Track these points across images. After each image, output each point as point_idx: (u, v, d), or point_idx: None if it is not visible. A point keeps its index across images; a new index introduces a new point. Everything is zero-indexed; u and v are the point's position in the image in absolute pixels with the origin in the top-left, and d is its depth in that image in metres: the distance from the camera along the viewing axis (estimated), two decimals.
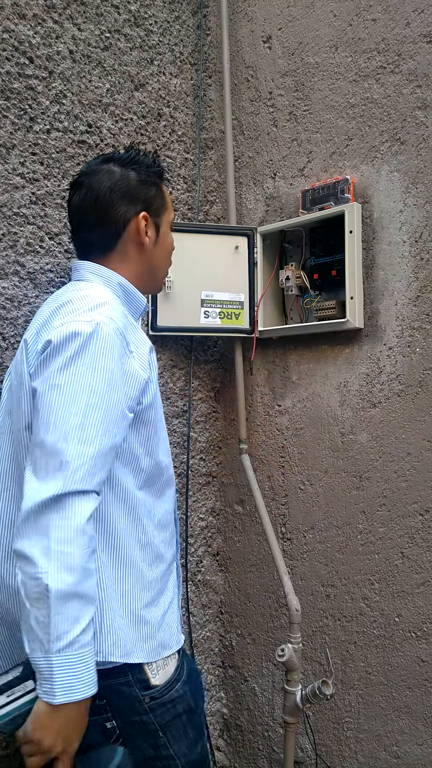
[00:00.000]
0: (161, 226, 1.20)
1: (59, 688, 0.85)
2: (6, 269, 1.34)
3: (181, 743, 1.07)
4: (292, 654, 1.43)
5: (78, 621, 0.87)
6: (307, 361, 1.66)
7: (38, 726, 0.87)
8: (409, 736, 1.44)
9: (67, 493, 0.88)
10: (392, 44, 1.49)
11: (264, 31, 1.77)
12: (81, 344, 0.96)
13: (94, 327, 0.98)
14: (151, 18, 1.67)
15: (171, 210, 1.24)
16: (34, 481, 0.91)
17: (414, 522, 1.44)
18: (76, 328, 0.97)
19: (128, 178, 1.15)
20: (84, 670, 0.87)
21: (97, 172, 1.15)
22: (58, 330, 0.98)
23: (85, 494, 0.90)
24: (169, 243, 1.24)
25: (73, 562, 0.87)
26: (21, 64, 1.36)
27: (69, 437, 0.91)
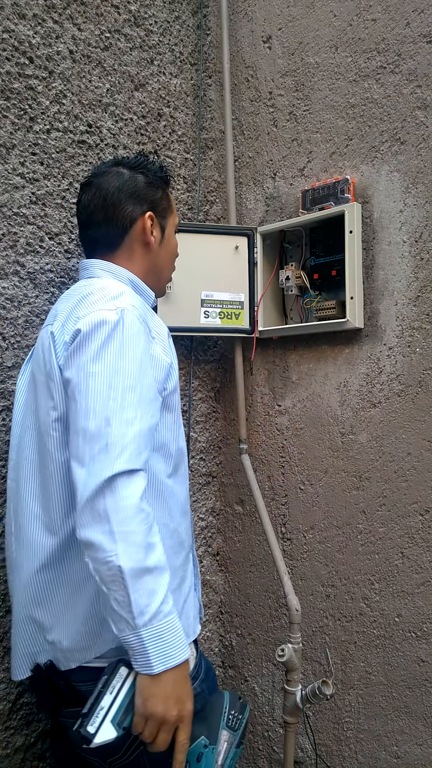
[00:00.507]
0: (166, 228, 1.24)
1: (155, 658, 0.89)
2: (6, 269, 1.34)
3: (205, 707, 1.07)
4: (292, 654, 1.43)
5: (155, 593, 0.90)
6: (307, 361, 1.66)
7: (147, 699, 0.91)
8: (409, 736, 1.44)
9: (117, 474, 0.91)
10: (392, 44, 1.49)
11: (264, 31, 1.77)
12: (109, 331, 0.99)
13: (119, 314, 1.00)
14: (151, 18, 1.67)
15: (176, 214, 1.29)
16: (81, 469, 0.93)
17: (414, 522, 1.44)
18: (103, 317, 1.00)
19: (136, 180, 1.19)
20: (173, 637, 0.91)
21: (106, 173, 1.20)
22: (85, 319, 1.01)
23: (133, 473, 0.92)
24: (173, 246, 1.28)
25: (137, 539, 0.90)
26: (21, 64, 1.36)
27: (111, 420, 0.93)
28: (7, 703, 1.30)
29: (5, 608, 1.31)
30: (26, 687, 1.34)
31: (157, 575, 0.91)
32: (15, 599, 1.10)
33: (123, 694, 0.94)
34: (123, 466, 0.91)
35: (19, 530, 1.09)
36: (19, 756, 1.33)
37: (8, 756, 1.31)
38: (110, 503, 0.89)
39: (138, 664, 0.90)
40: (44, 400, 1.06)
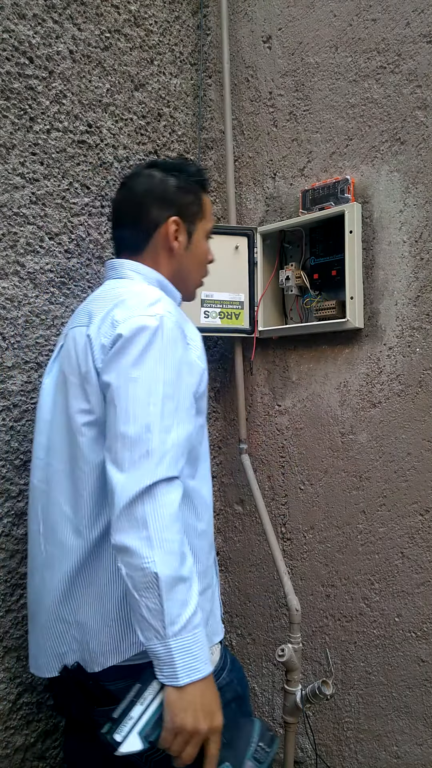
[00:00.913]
0: (194, 233, 1.22)
1: (181, 669, 0.88)
2: (6, 269, 1.34)
3: (233, 732, 1.06)
4: (292, 654, 1.43)
5: (187, 604, 0.89)
6: (307, 361, 1.66)
7: (175, 712, 0.89)
8: (409, 736, 1.44)
9: (158, 482, 0.91)
10: (392, 44, 1.49)
11: (264, 31, 1.77)
12: (150, 337, 0.99)
13: (159, 321, 1.01)
14: (151, 18, 1.67)
15: (209, 220, 1.26)
16: (119, 474, 0.93)
17: (414, 522, 1.44)
18: (143, 322, 1.00)
19: (166, 184, 1.19)
20: (200, 649, 0.90)
21: (139, 174, 1.21)
22: (125, 324, 1.00)
23: (172, 480, 0.93)
24: (202, 251, 1.25)
25: (174, 548, 0.90)
26: (21, 64, 1.36)
27: (151, 427, 0.94)
28: (7, 703, 1.30)
29: (5, 608, 1.31)
30: (26, 687, 1.34)
31: (189, 586, 0.91)
32: (44, 598, 1.09)
33: (153, 708, 0.93)
34: (163, 473, 0.91)
35: (50, 531, 1.09)
36: (19, 756, 1.33)
37: (8, 756, 1.31)
38: (149, 510, 0.90)
39: (163, 675, 0.90)
40: (77, 401, 1.06)
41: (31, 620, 1.13)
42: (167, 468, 0.92)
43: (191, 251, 1.22)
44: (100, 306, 1.10)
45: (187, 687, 0.89)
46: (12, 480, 1.32)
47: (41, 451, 1.15)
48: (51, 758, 1.39)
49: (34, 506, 1.15)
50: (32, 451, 1.17)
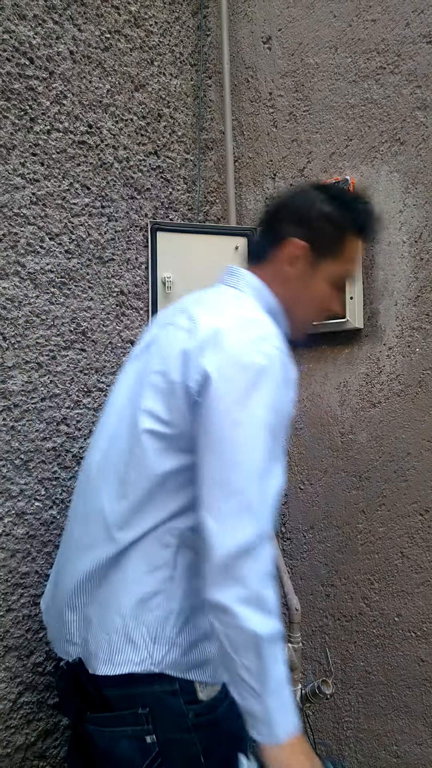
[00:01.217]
0: (319, 270, 1.10)
1: (279, 727, 0.87)
2: (6, 269, 1.34)
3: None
4: (291, 653, 1.43)
5: (279, 660, 0.88)
6: (307, 361, 1.66)
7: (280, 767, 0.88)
8: (409, 736, 1.44)
9: (258, 538, 0.88)
10: (392, 45, 1.49)
11: (264, 32, 1.77)
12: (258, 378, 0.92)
13: (268, 360, 0.94)
14: (151, 19, 1.68)
15: (344, 265, 1.13)
16: (217, 525, 0.89)
17: (414, 522, 1.44)
18: (253, 360, 0.93)
19: (315, 208, 1.09)
20: (292, 705, 0.89)
21: (303, 190, 1.15)
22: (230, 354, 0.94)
23: (266, 536, 0.89)
24: (319, 294, 1.12)
25: (271, 608, 0.88)
26: (21, 64, 1.37)
27: (254, 478, 0.89)
28: (7, 703, 1.31)
29: (6, 607, 1.31)
30: (27, 686, 1.34)
31: (279, 642, 0.89)
32: (66, 577, 1.06)
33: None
34: (263, 529, 0.88)
35: (86, 518, 1.05)
36: (19, 755, 1.33)
37: (8, 755, 1.31)
38: (250, 568, 0.87)
39: (260, 735, 0.88)
40: (152, 403, 0.99)
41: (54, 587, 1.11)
42: (266, 523, 0.89)
43: (308, 287, 1.11)
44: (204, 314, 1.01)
45: (286, 744, 0.87)
46: (12, 480, 1.32)
47: (104, 441, 1.08)
48: (51, 757, 1.39)
49: (81, 486, 1.11)
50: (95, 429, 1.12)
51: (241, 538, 0.87)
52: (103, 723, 1.00)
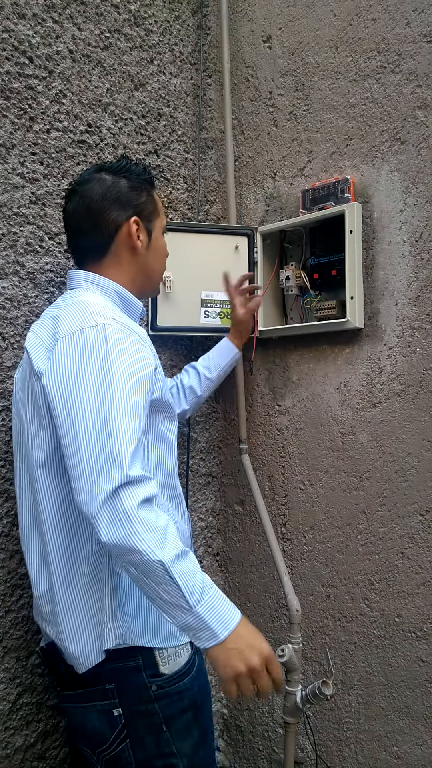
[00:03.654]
0: (153, 231, 1.24)
1: (216, 627, 0.94)
2: (6, 269, 1.34)
3: (185, 742, 1.07)
4: (292, 654, 1.42)
5: (192, 571, 0.94)
6: (307, 361, 1.66)
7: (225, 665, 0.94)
8: (410, 737, 1.44)
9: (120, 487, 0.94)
10: (392, 44, 1.49)
11: (264, 31, 1.76)
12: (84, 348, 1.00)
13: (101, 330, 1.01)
14: (151, 18, 1.67)
15: (163, 216, 1.28)
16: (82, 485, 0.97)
17: (414, 522, 1.44)
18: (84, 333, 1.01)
19: (119, 185, 1.19)
20: (223, 601, 0.97)
21: (89, 180, 1.19)
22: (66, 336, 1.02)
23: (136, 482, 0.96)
24: (162, 247, 1.28)
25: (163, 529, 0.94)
26: (21, 63, 1.36)
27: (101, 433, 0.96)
28: (7, 703, 1.30)
29: (5, 608, 1.31)
30: (26, 687, 1.34)
31: (186, 555, 0.95)
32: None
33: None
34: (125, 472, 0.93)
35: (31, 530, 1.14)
36: (18, 756, 1.33)
37: (8, 756, 1.31)
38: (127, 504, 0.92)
39: (203, 639, 0.94)
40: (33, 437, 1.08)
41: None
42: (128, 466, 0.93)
43: (152, 249, 1.24)
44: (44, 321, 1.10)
45: (227, 640, 0.94)
46: (12, 480, 1.32)
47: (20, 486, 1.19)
48: (51, 758, 1.39)
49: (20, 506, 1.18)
50: None
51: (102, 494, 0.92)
52: (75, 699, 1.09)
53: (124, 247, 1.19)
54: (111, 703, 1.05)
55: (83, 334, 1.01)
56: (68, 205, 1.21)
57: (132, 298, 1.20)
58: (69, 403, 0.98)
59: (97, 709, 1.05)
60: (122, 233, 1.18)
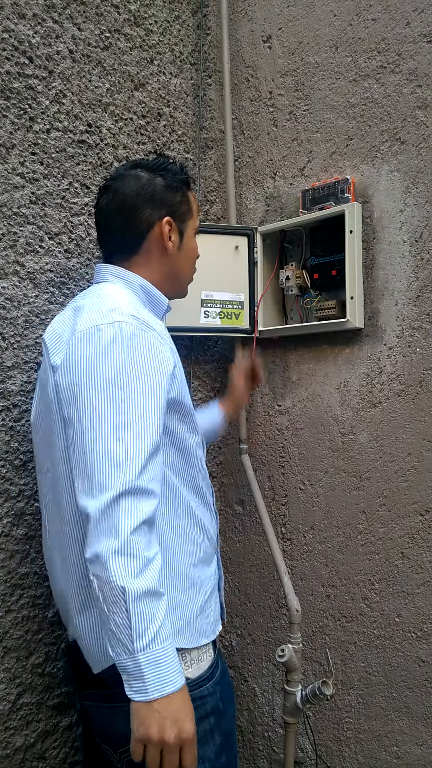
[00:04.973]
0: (185, 231, 1.23)
1: (151, 684, 0.87)
2: (6, 269, 1.34)
3: (207, 747, 1.04)
4: (292, 654, 1.42)
5: (153, 617, 0.88)
6: (307, 361, 1.66)
7: (140, 723, 0.87)
8: (410, 737, 1.44)
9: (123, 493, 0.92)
10: (392, 44, 1.49)
11: (264, 31, 1.76)
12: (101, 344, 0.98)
13: (114, 328, 0.99)
14: (151, 18, 1.67)
15: (196, 217, 1.27)
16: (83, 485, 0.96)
17: (414, 522, 1.44)
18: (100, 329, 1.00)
19: (154, 183, 1.17)
20: (170, 663, 0.88)
21: (124, 176, 1.18)
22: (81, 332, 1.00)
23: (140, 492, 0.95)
24: (193, 249, 1.27)
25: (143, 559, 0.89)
26: (21, 63, 1.36)
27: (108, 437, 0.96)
28: (7, 703, 1.30)
29: (5, 608, 1.31)
30: (26, 687, 1.34)
31: (157, 599, 0.89)
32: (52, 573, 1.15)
33: None
34: (130, 481, 0.91)
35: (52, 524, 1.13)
36: (18, 756, 1.33)
37: (8, 756, 1.31)
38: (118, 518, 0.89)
39: (132, 690, 0.88)
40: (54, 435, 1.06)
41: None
42: (133, 475, 0.91)
43: (183, 250, 1.23)
44: (65, 315, 1.10)
45: (155, 702, 0.87)
46: (12, 480, 1.32)
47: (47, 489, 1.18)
48: (51, 758, 1.39)
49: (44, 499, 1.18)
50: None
51: (104, 498, 0.89)
52: (99, 699, 1.06)
53: (155, 246, 1.18)
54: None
55: (99, 331, 0.98)
56: (101, 201, 1.19)
57: (158, 294, 1.18)
58: (80, 403, 0.95)
59: (120, 710, 1.01)
60: (154, 233, 1.17)
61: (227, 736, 1.09)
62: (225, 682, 1.12)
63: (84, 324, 1.01)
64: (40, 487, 1.17)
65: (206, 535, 1.15)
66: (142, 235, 1.17)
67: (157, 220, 1.17)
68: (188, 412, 1.12)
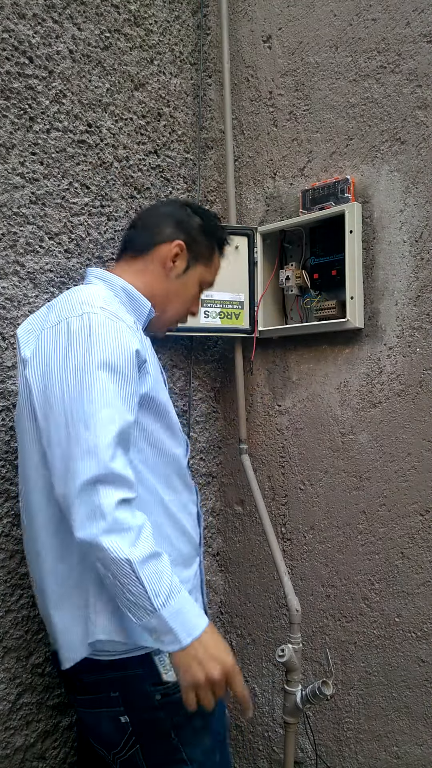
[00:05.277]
0: (192, 269, 1.25)
1: (180, 632, 0.92)
2: (6, 269, 1.34)
3: (195, 748, 1.05)
4: (292, 654, 1.42)
5: (162, 573, 0.92)
6: (307, 361, 1.66)
7: (186, 670, 0.93)
8: (409, 737, 1.44)
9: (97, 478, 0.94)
10: (392, 44, 1.49)
11: (264, 31, 1.76)
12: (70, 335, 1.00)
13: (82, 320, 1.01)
14: (151, 18, 1.67)
15: (209, 274, 1.30)
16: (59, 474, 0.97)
17: (414, 522, 1.44)
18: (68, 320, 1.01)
19: (192, 218, 1.26)
20: (191, 607, 0.95)
21: (172, 203, 1.31)
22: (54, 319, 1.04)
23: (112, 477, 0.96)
24: (190, 293, 1.27)
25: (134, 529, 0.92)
26: (21, 63, 1.36)
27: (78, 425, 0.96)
28: (7, 703, 1.30)
29: (5, 608, 1.31)
30: (26, 687, 1.34)
31: (159, 557, 0.94)
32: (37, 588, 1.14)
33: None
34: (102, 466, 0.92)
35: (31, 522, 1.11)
36: (19, 756, 1.33)
37: (8, 756, 1.31)
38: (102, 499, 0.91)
39: (166, 643, 0.93)
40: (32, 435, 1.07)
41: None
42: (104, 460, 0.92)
43: (181, 282, 1.24)
44: (43, 307, 1.13)
45: (190, 646, 0.93)
46: (12, 480, 1.32)
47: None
48: (51, 758, 1.39)
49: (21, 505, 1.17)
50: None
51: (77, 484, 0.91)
52: (86, 705, 1.09)
53: (157, 259, 1.22)
54: (118, 710, 1.04)
55: (68, 323, 1.00)
56: (144, 210, 1.32)
57: (139, 297, 1.17)
58: (48, 393, 0.97)
59: (106, 715, 1.04)
60: (163, 247, 1.22)
61: (216, 737, 1.09)
62: None
63: (54, 318, 1.04)
64: (19, 479, 1.17)
65: (185, 537, 1.15)
66: (154, 243, 1.22)
67: (172, 239, 1.22)
68: (163, 410, 1.12)
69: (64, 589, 1.04)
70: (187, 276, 1.25)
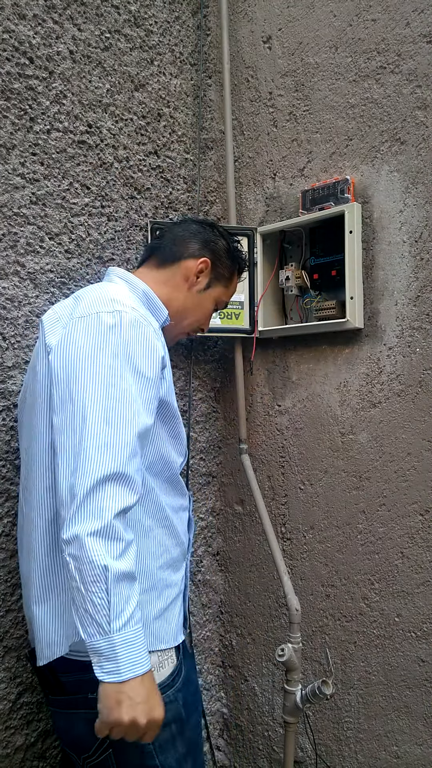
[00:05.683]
0: (212, 288, 1.30)
1: (124, 664, 0.86)
2: (6, 269, 1.34)
3: (168, 755, 1.03)
4: (292, 654, 1.43)
5: (129, 599, 0.88)
6: (307, 361, 1.66)
7: (112, 708, 0.86)
8: (409, 736, 1.44)
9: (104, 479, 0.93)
10: (392, 44, 1.49)
11: (264, 32, 1.77)
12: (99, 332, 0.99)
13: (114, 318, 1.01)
14: (151, 18, 1.67)
15: (226, 295, 1.35)
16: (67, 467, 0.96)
17: (414, 522, 1.44)
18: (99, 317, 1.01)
19: (218, 241, 1.31)
20: (142, 645, 0.89)
21: (201, 223, 1.33)
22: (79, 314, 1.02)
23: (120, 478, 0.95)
24: (206, 307, 1.31)
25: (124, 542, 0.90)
26: (21, 64, 1.37)
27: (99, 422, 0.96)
28: (7, 703, 1.30)
29: (5, 608, 1.31)
30: (26, 686, 1.34)
31: (133, 582, 0.90)
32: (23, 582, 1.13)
33: None
34: (116, 467, 0.91)
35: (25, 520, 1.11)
36: (19, 756, 1.33)
37: (8, 756, 1.31)
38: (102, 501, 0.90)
39: (104, 671, 0.86)
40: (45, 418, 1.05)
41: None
42: (120, 462, 0.91)
43: (199, 298, 1.28)
44: (69, 298, 1.12)
45: (127, 683, 0.86)
46: (12, 480, 1.32)
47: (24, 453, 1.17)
48: (51, 758, 1.39)
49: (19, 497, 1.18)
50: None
51: (86, 484, 0.89)
52: (61, 705, 1.06)
53: (182, 273, 1.25)
54: (94, 712, 0.98)
55: (99, 318, 1.00)
56: (174, 225, 1.35)
57: (159, 302, 1.19)
58: (72, 384, 0.96)
59: (81, 717, 1.01)
60: (189, 262, 1.25)
61: (190, 744, 1.07)
62: (190, 690, 1.10)
63: (84, 310, 1.03)
64: (21, 469, 1.16)
65: (176, 540, 1.15)
66: (181, 256, 1.26)
67: (198, 255, 1.26)
68: (172, 415, 1.13)
69: (50, 584, 1.03)
70: (207, 293, 1.29)
